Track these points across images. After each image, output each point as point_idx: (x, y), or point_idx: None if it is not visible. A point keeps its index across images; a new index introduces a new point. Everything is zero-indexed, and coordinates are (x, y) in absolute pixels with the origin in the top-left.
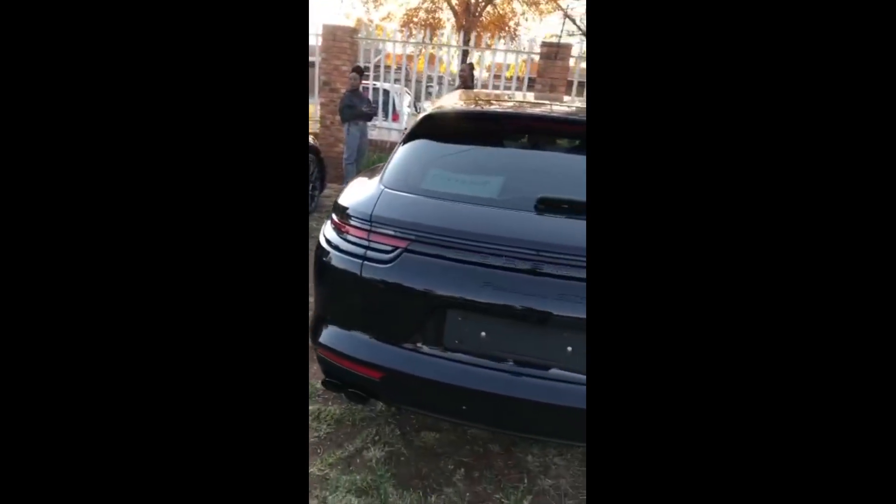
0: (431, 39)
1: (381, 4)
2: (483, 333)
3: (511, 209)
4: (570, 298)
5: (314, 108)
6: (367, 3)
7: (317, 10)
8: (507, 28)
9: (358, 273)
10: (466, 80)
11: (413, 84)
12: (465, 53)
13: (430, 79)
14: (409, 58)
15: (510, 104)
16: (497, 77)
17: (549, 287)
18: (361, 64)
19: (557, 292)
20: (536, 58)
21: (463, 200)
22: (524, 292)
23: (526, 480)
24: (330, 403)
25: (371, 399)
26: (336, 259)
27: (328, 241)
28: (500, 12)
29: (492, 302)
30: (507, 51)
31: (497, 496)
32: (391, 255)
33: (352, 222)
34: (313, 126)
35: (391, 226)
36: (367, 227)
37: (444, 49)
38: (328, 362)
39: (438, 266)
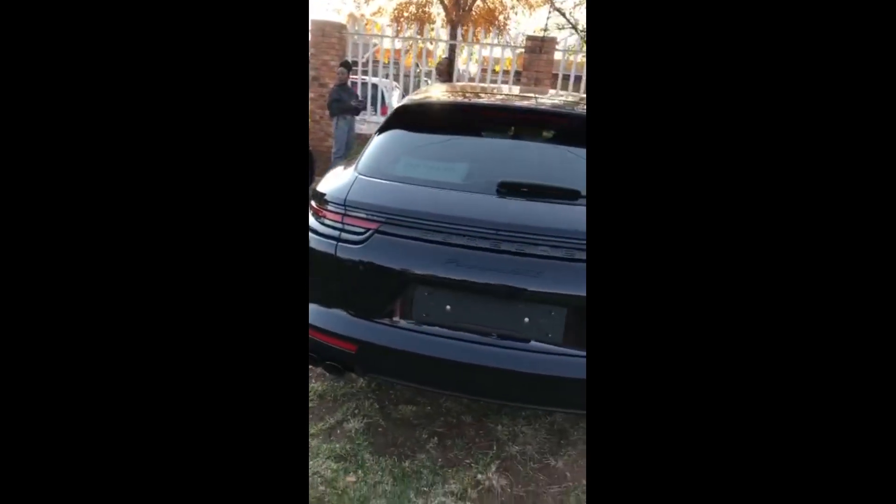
0: (421, 34)
1: None
2: (448, 307)
3: (474, 192)
4: (526, 273)
5: None
6: None
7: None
8: (496, 22)
9: (333, 253)
10: (443, 73)
11: (401, 78)
12: (451, 48)
13: (422, 73)
14: (399, 52)
15: (481, 96)
16: (484, 71)
17: (507, 263)
18: (351, 59)
19: (514, 268)
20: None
21: (430, 185)
22: (484, 268)
23: (495, 447)
24: (314, 381)
25: (346, 372)
26: (314, 242)
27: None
28: (490, 6)
29: (455, 278)
30: (492, 45)
31: (467, 461)
32: (363, 236)
33: (328, 207)
34: None
35: (363, 209)
36: (342, 212)
37: (434, 43)
38: (310, 339)
39: (406, 245)
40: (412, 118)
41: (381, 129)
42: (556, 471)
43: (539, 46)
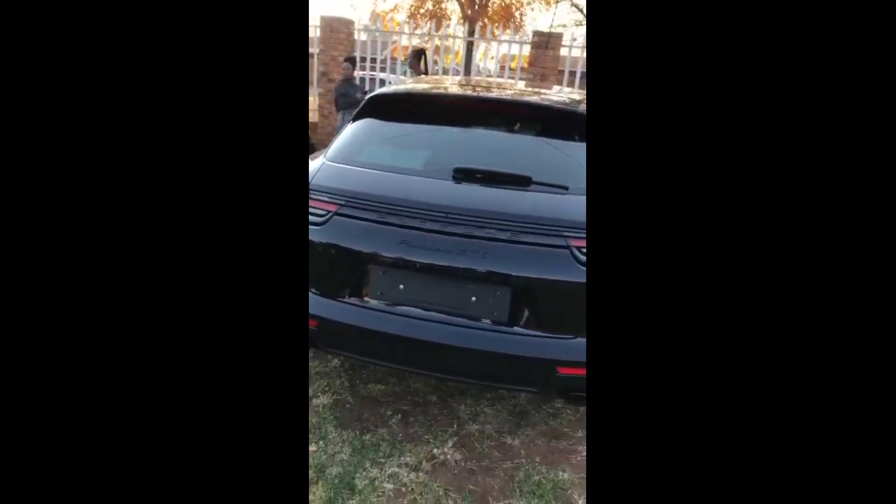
0: (437, 31)
1: None
2: (401, 286)
3: (431, 178)
4: (475, 254)
5: (313, 99)
6: None
7: (315, 1)
8: (512, 18)
9: None
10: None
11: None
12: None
13: (440, 69)
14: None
15: (448, 88)
16: (502, 68)
17: (457, 245)
18: (368, 55)
19: (463, 249)
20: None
21: (391, 171)
22: (435, 249)
23: (455, 425)
24: None
25: (311, 347)
26: None
27: None
28: (506, 2)
29: (408, 258)
30: (499, 41)
31: (426, 437)
32: (324, 217)
33: None
34: (312, 116)
35: (325, 192)
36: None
37: (450, 40)
38: None
39: (363, 227)
40: (382, 108)
41: (355, 118)
42: (511, 448)
43: (545, 42)
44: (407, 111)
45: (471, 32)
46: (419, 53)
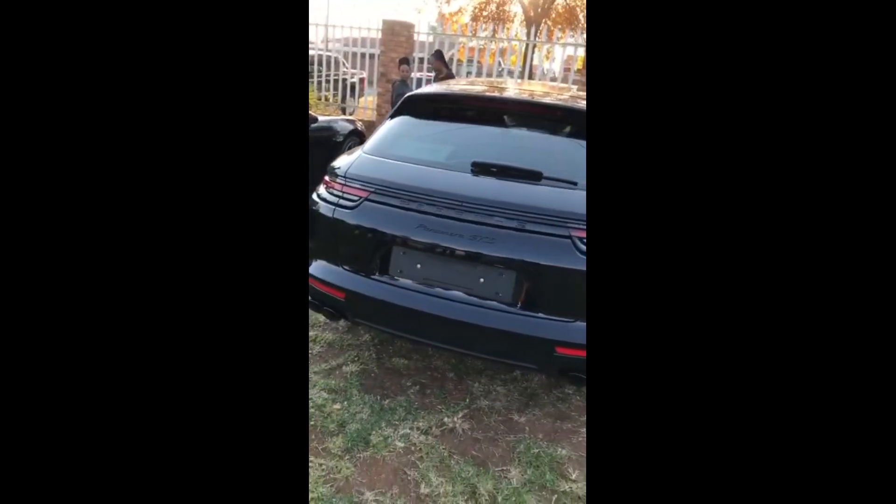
0: (501, 33)
1: None
2: (419, 265)
3: (452, 170)
4: (484, 240)
5: (371, 99)
6: None
7: (379, 4)
8: (576, 20)
9: (332, 216)
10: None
11: (464, 75)
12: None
13: (504, 70)
14: (475, 51)
15: (475, 90)
16: (567, 70)
17: (469, 230)
18: (434, 55)
19: (474, 234)
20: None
21: (417, 163)
22: (450, 234)
23: (468, 399)
24: (326, 331)
25: (340, 317)
26: (321, 208)
27: (318, 195)
28: (570, 5)
29: (425, 241)
30: (555, 43)
31: (439, 407)
32: (355, 202)
33: (335, 179)
34: (370, 115)
35: (358, 180)
36: (343, 182)
37: (515, 41)
38: (313, 288)
39: (388, 212)
40: (416, 106)
41: (392, 116)
42: (516, 424)
43: None
44: (436, 110)
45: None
46: (439, 54)
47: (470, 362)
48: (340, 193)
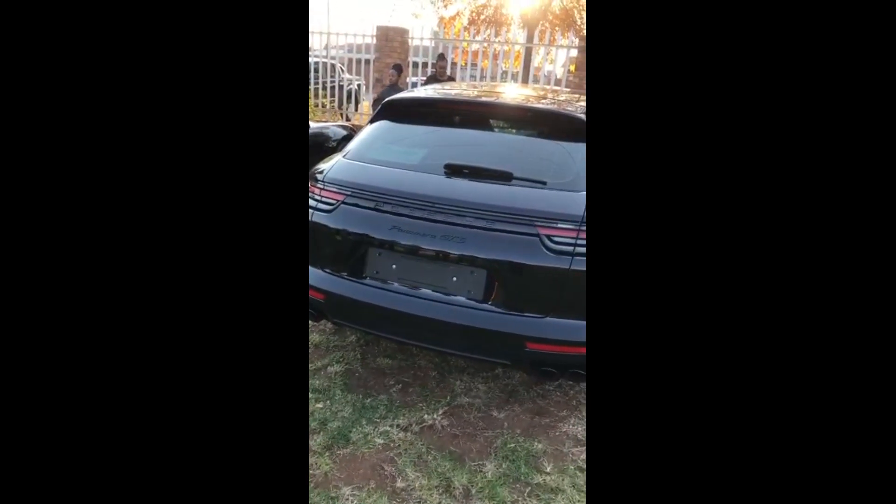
0: (499, 36)
1: (450, 3)
2: (394, 266)
3: (426, 172)
4: (456, 239)
5: (366, 104)
6: (435, 2)
7: (369, 11)
8: (573, 23)
9: (310, 219)
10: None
11: (467, 78)
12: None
13: (500, 73)
14: (476, 54)
15: (452, 94)
16: (570, 72)
17: (441, 231)
18: (426, 60)
19: (446, 234)
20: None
21: (392, 166)
22: (422, 234)
23: (449, 397)
24: (313, 333)
25: (321, 318)
26: None
27: None
28: (567, 7)
29: (399, 241)
30: (559, 46)
31: (420, 405)
32: (333, 206)
33: (315, 184)
34: (365, 120)
35: (335, 184)
36: (321, 186)
37: (509, 45)
38: None
39: (364, 214)
40: (393, 112)
41: (371, 121)
42: (495, 420)
43: None
44: (413, 114)
45: (529, 38)
46: (441, 57)
47: (453, 361)
48: (319, 197)
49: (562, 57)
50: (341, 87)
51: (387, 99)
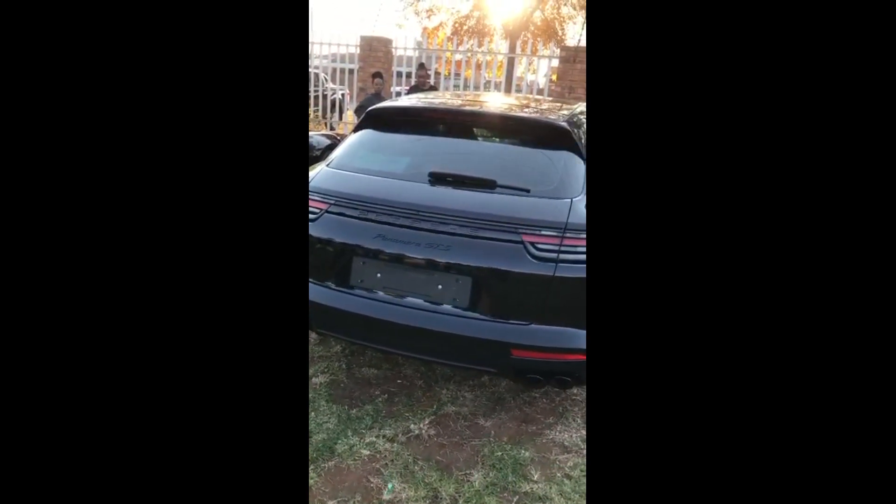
0: (482, 46)
1: (433, 14)
2: (379, 275)
3: (410, 181)
4: (441, 248)
5: (350, 113)
6: (419, 13)
7: (354, 22)
8: (554, 34)
9: None
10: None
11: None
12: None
13: (483, 83)
14: (459, 64)
15: (436, 103)
16: (553, 81)
17: (426, 239)
18: (409, 70)
19: (430, 243)
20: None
21: (376, 175)
22: (407, 242)
23: (435, 406)
24: None
25: (308, 329)
26: None
27: None
28: (547, 18)
29: (384, 250)
30: (540, 56)
31: (407, 414)
32: (316, 215)
33: None
34: (348, 129)
35: (320, 193)
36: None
37: (492, 55)
38: None
39: (348, 223)
40: (377, 121)
41: (355, 130)
42: (482, 428)
43: (573, 56)
44: (397, 123)
45: (512, 48)
46: (422, 66)
47: (439, 370)
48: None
49: (543, 67)
50: (325, 96)
51: (370, 108)
